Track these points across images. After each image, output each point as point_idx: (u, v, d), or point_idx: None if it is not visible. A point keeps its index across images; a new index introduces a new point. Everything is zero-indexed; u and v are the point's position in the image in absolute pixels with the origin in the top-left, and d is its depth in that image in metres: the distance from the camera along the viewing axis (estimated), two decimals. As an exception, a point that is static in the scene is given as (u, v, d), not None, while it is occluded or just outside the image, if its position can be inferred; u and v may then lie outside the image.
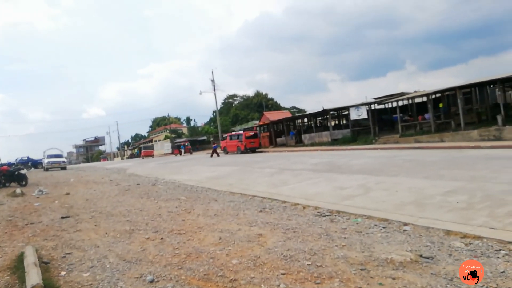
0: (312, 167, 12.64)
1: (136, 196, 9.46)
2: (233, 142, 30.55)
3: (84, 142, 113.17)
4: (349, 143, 23.86)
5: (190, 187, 10.97)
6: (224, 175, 13.48)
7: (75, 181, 15.92)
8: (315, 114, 29.98)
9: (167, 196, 9.27)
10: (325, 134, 27.08)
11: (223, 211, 6.83)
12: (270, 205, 7.16)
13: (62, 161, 31.27)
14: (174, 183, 12.37)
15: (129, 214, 6.97)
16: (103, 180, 15.66)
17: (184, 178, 13.85)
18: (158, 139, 73.22)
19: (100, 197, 9.74)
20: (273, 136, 32.63)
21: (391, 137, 22.39)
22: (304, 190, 8.48)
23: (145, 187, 11.72)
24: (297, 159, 17.01)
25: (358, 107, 24.00)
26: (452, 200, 6.01)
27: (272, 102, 77.09)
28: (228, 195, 8.93)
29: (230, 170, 15.19)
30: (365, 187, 7.96)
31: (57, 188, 12.70)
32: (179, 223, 5.89)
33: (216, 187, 10.56)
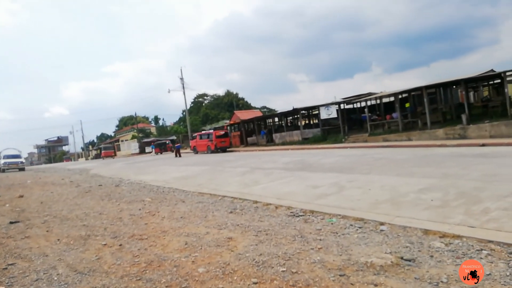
0: (284, 166, 12.39)
1: (97, 198, 8.80)
2: (203, 142, 29.90)
3: (47, 142, 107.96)
4: (319, 142, 23.92)
5: (156, 188, 10.40)
6: (193, 175, 12.97)
7: (32, 182, 14.83)
8: (286, 113, 29.91)
9: (130, 197, 8.68)
10: (295, 133, 27.04)
11: (191, 213, 6.39)
12: (241, 206, 6.80)
13: (20, 161, 29.33)
14: (140, 184, 11.73)
15: (87, 217, 6.38)
16: (62, 181, 14.68)
17: (151, 179, 13.22)
18: (125, 138, 70.92)
19: (56, 199, 8.99)
20: (244, 136, 32.27)
21: (360, 136, 22.63)
22: (276, 190, 8.18)
23: (107, 188, 11.01)
24: (269, 158, 16.74)
25: (328, 107, 24.10)
26: (427, 197, 5.89)
27: (243, 101, 76.81)
28: (197, 196, 8.48)
29: (200, 170, 14.68)
30: (338, 186, 7.76)
31: (10, 191, 11.69)
32: (141, 227, 5.40)
33: (184, 187, 10.07)
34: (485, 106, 21.23)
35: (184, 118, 72.90)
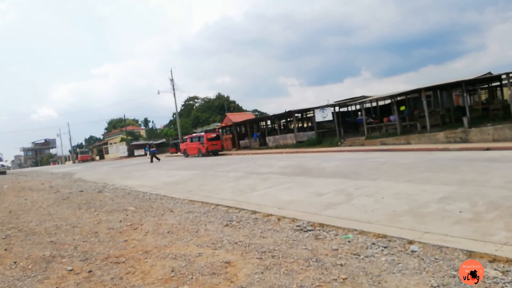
0: (281, 170, 11.54)
1: (74, 207, 7.82)
2: (194, 145, 28.89)
3: (33, 145, 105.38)
4: (314, 146, 23.16)
5: (142, 195, 9.47)
6: (183, 180, 12.04)
7: (9, 188, 13.72)
8: (279, 116, 29.10)
9: (112, 206, 7.73)
10: (289, 136, 26.23)
11: (180, 226, 5.49)
12: (237, 217, 5.93)
13: (1, 165, 27.99)
14: (124, 190, 10.77)
15: (57, 232, 5.43)
16: (42, 186, 13.61)
17: (137, 184, 12.26)
18: (114, 141, 69.34)
19: (28, 208, 7.99)
20: (236, 138, 31.35)
21: (356, 139, 21.94)
22: (276, 197, 7.32)
23: (88, 194, 10.02)
24: (263, 161, 15.88)
25: (323, 109, 23.37)
26: (453, 208, 5.10)
27: (234, 104, 75.88)
28: (187, 204, 7.58)
29: (191, 174, 13.75)
30: (346, 193, 6.95)
31: (-21, 198, 10.63)
32: (119, 246, 4.48)
33: (173, 194, 9.17)
34: (486, 109, 20.72)
35: (174, 121, 71.65)
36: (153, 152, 27.10)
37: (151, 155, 26.67)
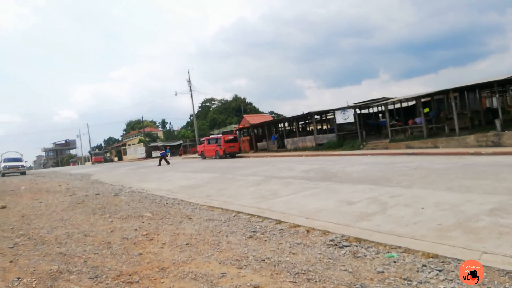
0: (303, 175, 10.97)
1: (88, 212, 7.46)
2: (211, 147, 28.56)
3: (54, 146, 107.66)
4: (335, 148, 22.44)
5: (159, 199, 9.07)
6: (201, 184, 11.61)
7: (26, 189, 13.60)
8: (298, 117, 28.46)
9: (127, 211, 7.33)
10: (309, 138, 25.57)
11: (199, 236, 5.02)
12: (261, 227, 5.42)
13: (21, 165, 28.15)
14: (141, 194, 10.41)
15: (67, 241, 5.03)
16: (58, 188, 13.43)
17: (154, 187, 11.91)
18: (132, 143, 69.98)
19: (41, 212, 7.67)
20: (254, 141, 30.88)
21: (379, 142, 21.12)
22: (302, 205, 6.78)
23: (104, 198, 9.70)
24: (283, 165, 15.32)
25: (344, 110, 22.64)
26: (509, 223, 4.45)
27: (251, 106, 75.52)
28: (206, 211, 7.12)
29: (209, 177, 13.33)
30: (379, 202, 6.34)
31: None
32: (133, 260, 4.03)
33: (191, 199, 8.73)
34: (518, 111, 19.61)
35: (191, 122, 71.78)
36: (162, 155, 26.12)
37: (160, 158, 25.74)
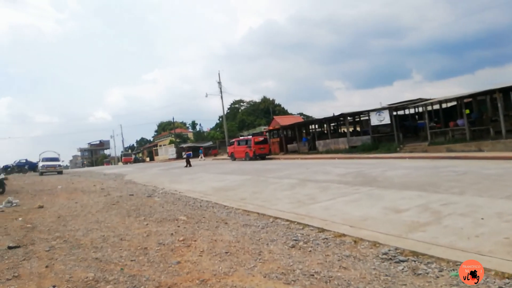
0: (341, 179, 10.48)
1: (123, 213, 7.37)
2: (241, 148, 28.41)
3: (89, 146, 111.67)
4: (369, 151, 21.64)
5: (192, 201, 8.89)
6: (233, 186, 11.37)
7: (62, 188, 13.90)
8: (330, 119, 27.76)
9: (162, 214, 7.17)
10: (341, 140, 24.86)
11: (238, 244, 4.72)
12: (303, 236, 5.05)
13: (58, 164, 29.19)
14: (174, 195, 10.30)
15: (103, 245, 4.88)
16: (93, 188, 13.62)
17: (187, 188, 11.79)
18: (163, 143, 71.36)
19: (77, 213, 7.66)
20: (284, 142, 30.44)
21: (417, 145, 20.17)
22: (344, 212, 6.34)
23: (138, 199, 9.64)
24: (317, 168, 14.84)
25: (379, 112, 21.79)
26: None
27: (280, 108, 75.00)
28: (242, 215, 6.84)
29: (241, 180, 13.08)
30: (431, 210, 5.81)
31: (34, 198, 10.66)
32: (171, 270, 3.78)
33: (224, 202, 8.49)
34: None
35: (220, 124, 72.15)
36: (188, 156, 26.66)
37: (186, 159, 26.06)
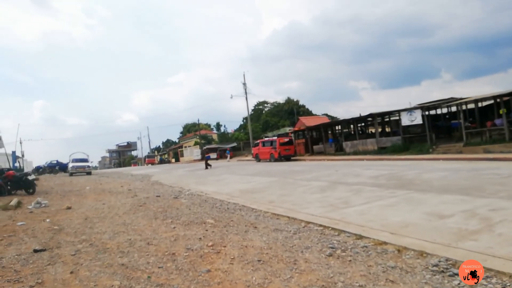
0: (373, 181, 9.99)
1: (150, 216, 7.23)
2: (266, 149, 28.13)
3: (117, 147, 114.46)
4: (399, 152, 20.86)
5: (219, 203, 8.67)
6: (260, 188, 11.09)
7: (90, 189, 14.06)
8: (358, 119, 27.00)
9: (189, 216, 6.97)
10: (370, 141, 24.11)
11: (270, 251, 4.42)
12: (339, 243, 4.69)
13: (87, 165, 29.84)
14: (201, 197, 10.13)
15: (130, 249, 4.69)
16: (121, 189, 13.69)
17: (213, 190, 11.60)
18: (188, 145, 72.11)
19: (104, 215, 7.59)
20: (310, 143, 29.93)
21: (451, 146, 19.24)
22: (382, 217, 5.92)
23: (165, 200, 9.53)
24: (347, 169, 14.33)
25: (411, 111, 20.97)
26: None
27: (304, 109, 74.18)
28: (271, 219, 6.54)
29: (268, 181, 12.78)
30: (479, 217, 5.30)
31: (62, 199, 10.76)
32: (201, 279, 3.52)
33: (252, 204, 8.21)
34: None
35: (244, 125, 72.14)
36: (207, 158, 26.54)
37: (205, 161, 25.53)
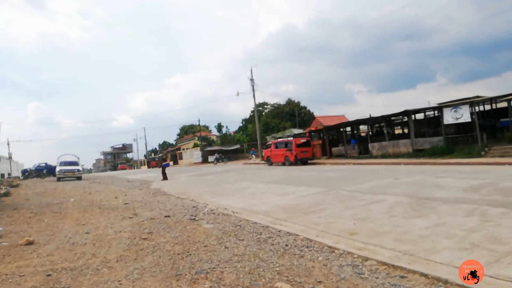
0: (480, 197, 6.91)
1: (166, 267, 4.07)
2: (280, 151, 24.92)
3: (112, 149, 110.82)
4: (442, 155, 17.80)
5: (265, 233, 5.56)
6: (309, 204, 7.95)
7: (75, 202, 10.86)
8: (387, 117, 23.77)
9: (235, 268, 3.83)
10: (403, 143, 21.01)
11: None
12: None
13: (77, 169, 26.11)
14: (228, 217, 7.00)
15: None
16: (114, 202, 10.49)
17: (240, 206, 8.47)
18: (186, 147, 68.88)
19: (84, 263, 4.38)
20: (327, 145, 26.80)
21: (508, 148, 16.25)
22: None
23: (179, 225, 6.38)
24: (407, 177, 11.23)
25: (455, 107, 17.95)
26: None
27: (305, 110, 71.37)
28: (387, 275, 3.44)
29: (311, 193, 9.63)
30: None
31: (31, 221, 7.54)
32: None
33: (323, 237, 5.11)
34: None
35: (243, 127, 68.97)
36: (165, 166, 21.08)
37: (162, 170, 20.49)
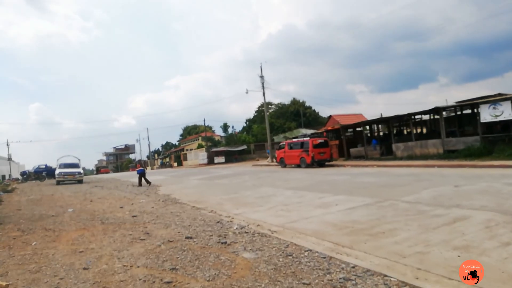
0: None
1: None
2: (295, 152, 23.22)
3: (114, 150, 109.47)
4: (479, 157, 16.10)
5: (331, 268, 3.97)
6: (367, 221, 6.25)
7: (75, 212, 9.23)
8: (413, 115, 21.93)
9: None
10: (432, 143, 19.29)
11: None
12: None
13: (77, 172, 24.31)
14: (269, 240, 5.34)
15: None
16: (120, 214, 8.84)
17: (277, 222, 6.80)
18: (190, 147, 67.35)
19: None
20: (345, 145, 25.10)
21: (558, 149, 14.56)
22: None
23: (207, 252, 4.72)
24: (469, 185, 9.56)
25: (495, 104, 16.25)
26: None
27: (310, 110, 70.13)
28: None
29: (359, 205, 7.93)
30: None
31: (13, 246, 5.85)
32: None
33: (428, 281, 3.42)
34: None
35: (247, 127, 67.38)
36: (140, 172, 18.71)
37: (139, 176, 18.54)
